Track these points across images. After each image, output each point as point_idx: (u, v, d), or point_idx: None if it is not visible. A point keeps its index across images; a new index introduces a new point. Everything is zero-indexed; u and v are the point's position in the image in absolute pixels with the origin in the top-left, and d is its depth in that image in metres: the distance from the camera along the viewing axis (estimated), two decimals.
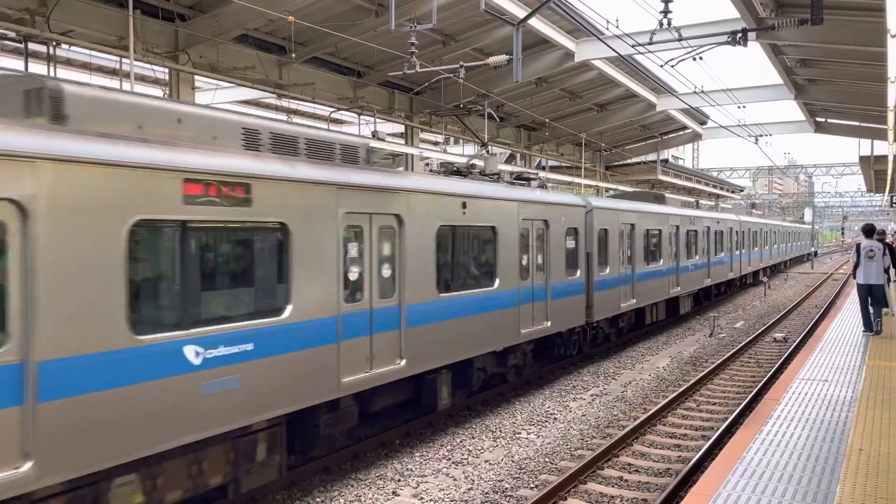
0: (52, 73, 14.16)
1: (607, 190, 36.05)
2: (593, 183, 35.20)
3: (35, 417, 5.56)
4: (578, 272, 15.19)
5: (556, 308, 14.01)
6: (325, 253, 8.42)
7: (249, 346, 7.38)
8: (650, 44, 16.36)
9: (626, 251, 18.10)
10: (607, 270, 16.69)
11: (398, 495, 8.72)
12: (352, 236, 8.92)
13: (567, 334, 15.20)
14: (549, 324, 13.72)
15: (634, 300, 18.44)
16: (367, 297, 9.16)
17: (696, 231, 24.96)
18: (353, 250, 8.94)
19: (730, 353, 17.24)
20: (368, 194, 9.10)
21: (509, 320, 12.44)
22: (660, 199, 22.85)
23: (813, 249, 72.30)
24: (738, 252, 31.63)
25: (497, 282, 12.09)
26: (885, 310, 14.78)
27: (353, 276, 8.93)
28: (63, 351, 5.77)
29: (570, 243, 14.76)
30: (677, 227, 22.48)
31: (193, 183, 6.84)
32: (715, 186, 54.37)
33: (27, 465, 5.52)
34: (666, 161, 41.48)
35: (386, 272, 9.52)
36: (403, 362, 9.80)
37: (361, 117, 22.29)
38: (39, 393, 5.60)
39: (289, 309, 7.91)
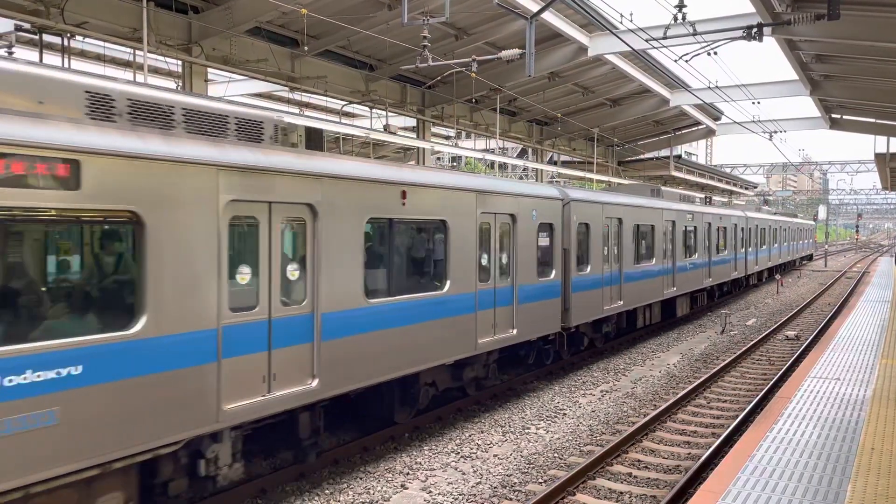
0: (66, 65, 14.23)
1: None
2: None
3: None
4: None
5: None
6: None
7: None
8: (664, 38, 16.24)
9: None
10: None
11: (407, 488, 8.73)
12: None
13: None
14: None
15: None
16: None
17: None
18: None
19: (741, 351, 17.14)
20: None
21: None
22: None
23: (810, 252, 58.65)
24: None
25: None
26: None
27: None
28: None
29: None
30: None
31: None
32: (728, 183, 54.05)
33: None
34: (679, 157, 41.20)
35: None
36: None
37: (373, 111, 22.30)
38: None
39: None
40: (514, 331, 12.51)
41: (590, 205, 15.76)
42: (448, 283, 10.67)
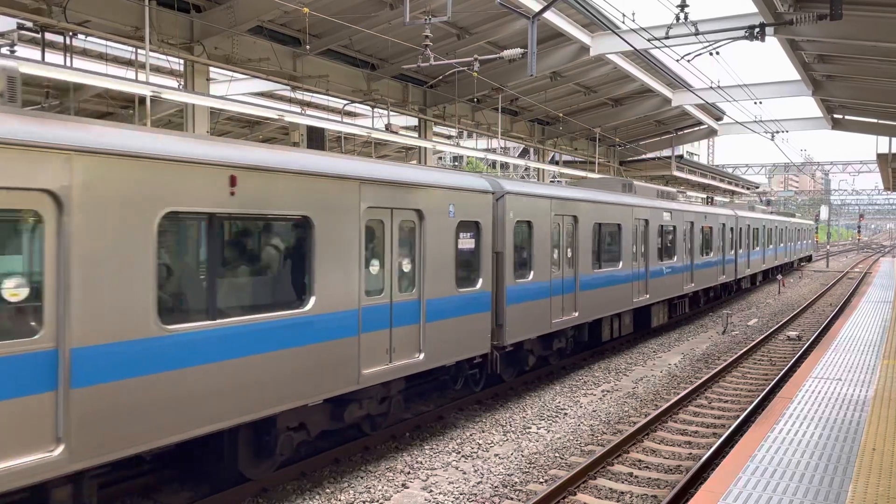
0: (68, 63, 14.25)
1: None
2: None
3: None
4: None
5: None
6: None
7: None
8: (666, 38, 16.24)
9: None
10: None
11: (408, 487, 8.74)
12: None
13: None
14: None
15: None
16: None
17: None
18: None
19: (743, 351, 17.14)
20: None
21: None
22: None
23: (809, 253, 55.99)
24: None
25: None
26: None
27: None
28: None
29: None
30: None
31: None
32: (730, 183, 54.01)
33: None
34: (681, 157, 41.17)
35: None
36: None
37: (375, 110, 22.31)
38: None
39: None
40: (421, 355, 9.97)
41: (532, 199, 13.07)
42: (313, 299, 8.13)
